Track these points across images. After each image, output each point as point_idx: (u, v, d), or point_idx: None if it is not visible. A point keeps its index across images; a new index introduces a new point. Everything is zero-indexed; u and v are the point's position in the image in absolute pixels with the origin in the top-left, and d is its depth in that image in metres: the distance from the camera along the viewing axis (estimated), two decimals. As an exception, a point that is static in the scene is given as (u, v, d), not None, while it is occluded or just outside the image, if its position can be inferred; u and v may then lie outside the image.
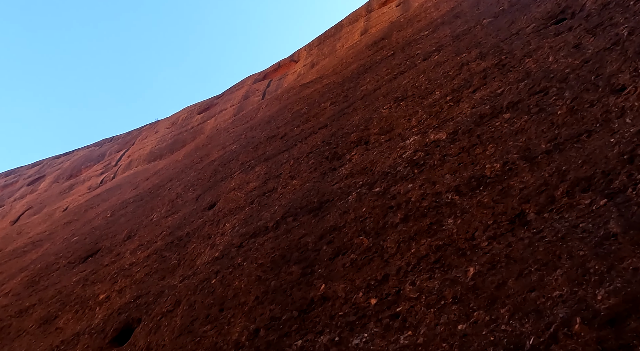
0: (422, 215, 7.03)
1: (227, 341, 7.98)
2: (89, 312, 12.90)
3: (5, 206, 37.12)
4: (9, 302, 15.78)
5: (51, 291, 15.09)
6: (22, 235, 26.79)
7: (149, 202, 19.11)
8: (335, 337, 6.01)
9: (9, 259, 22.06)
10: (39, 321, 13.60)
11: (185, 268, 12.56)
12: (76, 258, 16.96)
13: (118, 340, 11.12)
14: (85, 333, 11.88)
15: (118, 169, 33.74)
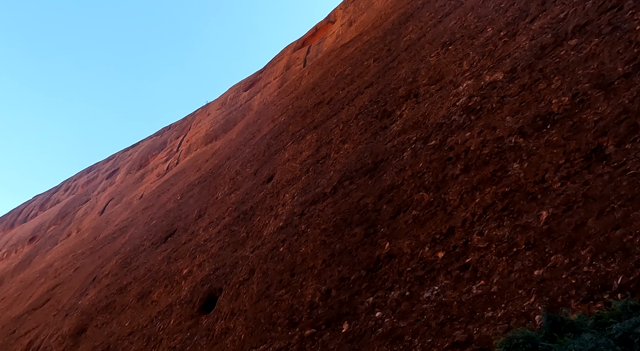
0: (484, 163, 6.68)
1: (302, 303, 8.43)
2: (177, 286, 14.26)
3: (91, 199, 41.41)
4: (110, 282, 17.86)
5: (142, 270, 16.81)
6: (110, 223, 29.85)
7: (212, 182, 20.18)
8: (405, 292, 6.09)
9: (103, 245, 24.79)
10: (136, 296, 15.31)
11: (254, 240, 13.29)
12: (158, 239, 18.60)
13: (205, 308, 12.23)
14: (176, 304, 13.20)
15: (180, 154, 35.83)
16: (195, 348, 10.33)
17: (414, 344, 5.06)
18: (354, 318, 6.55)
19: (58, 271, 26.20)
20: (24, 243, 40.50)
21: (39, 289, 25.16)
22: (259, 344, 8.24)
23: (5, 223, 50.17)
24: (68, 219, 37.94)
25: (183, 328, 11.57)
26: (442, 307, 5.17)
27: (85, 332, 15.60)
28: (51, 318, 19.09)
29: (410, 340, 5.19)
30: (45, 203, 47.70)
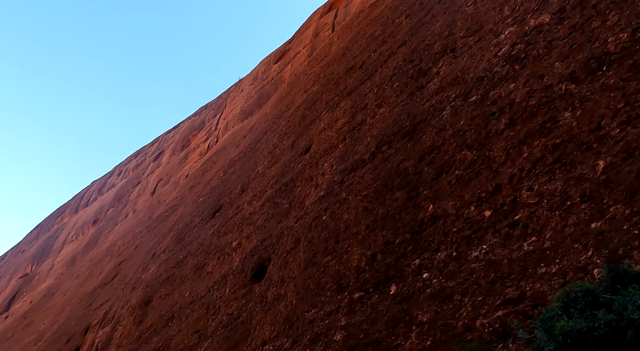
0: (531, 114, 6.28)
1: (349, 268, 8.62)
2: (228, 258, 15.03)
3: (142, 181, 43.91)
4: (168, 257, 19.11)
5: (195, 244, 17.80)
6: (161, 203, 31.64)
7: (251, 157, 20.62)
8: (452, 252, 6.03)
9: (158, 223, 26.41)
10: (193, 269, 16.33)
11: (297, 210, 13.60)
12: (206, 215, 19.50)
13: (256, 277, 12.86)
14: (229, 274, 13.97)
15: (218, 133, 36.76)
16: (251, 314, 10.97)
17: (464, 303, 5.05)
18: (401, 280, 6.61)
19: (121, 250, 28.41)
20: (89, 225, 44.07)
21: (107, 266, 27.50)
22: (310, 308, 8.59)
23: (71, 208, 54.66)
24: (124, 201, 40.62)
25: (238, 296, 12.27)
26: (491, 266, 5.08)
27: (151, 303, 16.97)
28: (120, 291, 20.91)
29: (459, 299, 5.18)
30: (102, 187, 51.22)
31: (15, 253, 55.52)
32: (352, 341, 6.54)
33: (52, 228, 52.48)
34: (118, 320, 17.84)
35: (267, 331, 9.52)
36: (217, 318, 12.21)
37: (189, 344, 12.33)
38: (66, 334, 21.43)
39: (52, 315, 27.60)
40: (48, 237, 49.12)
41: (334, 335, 7.09)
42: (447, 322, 5.12)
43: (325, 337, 7.33)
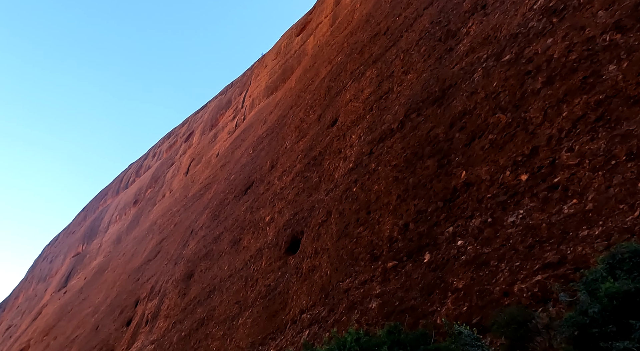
0: (571, 70, 5.88)
1: (381, 238, 8.66)
2: (262, 232, 15.45)
3: (176, 162, 45.36)
4: (205, 233, 19.88)
5: (230, 220, 18.37)
6: (195, 182, 32.67)
7: (279, 133, 20.71)
8: (487, 219, 5.91)
9: (193, 202, 27.36)
10: (229, 243, 16.94)
11: (326, 183, 13.66)
12: (239, 192, 19.98)
13: (291, 250, 13.20)
14: (264, 248, 14.41)
15: (245, 110, 37.03)
16: (287, 285, 11.34)
17: (501, 268, 4.98)
18: (434, 248, 6.58)
19: (161, 228, 29.81)
20: (130, 206, 46.37)
21: (150, 243, 29.02)
22: (345, 278, 8.76)
23: (112, 191, 57.56)
24: (160, 182, 42.25)
25: (274, 268, 12.68)
26: (529, 230, 4.95)
27: (193, 277, 17.86)
28: (164, 266, 22.09)
29: (496, 264, 5.11)
30: (139, 170, 53.38)
31: (67, 234, 59.52)
32: (388, 309, 6.65)
33: (97, 209, 55.60)
34: (164, 293, 18.95)
35: (304, 300, 9.83)
36: (256, 289, 12.71)
37: (231, 314, 12.96)
38: (119, 307, 23.06)
39: (105, 289, 29.69)
40: (94, 218, 52.17)
41: (370, 303, 7.23)
42: (483, 288, 5.08)
43: (361, 305, 7.49)
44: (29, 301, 51.39)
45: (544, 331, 3.42)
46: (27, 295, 54.32)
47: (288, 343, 8.74)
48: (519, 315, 3.68)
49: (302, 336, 8.59)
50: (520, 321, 3.62)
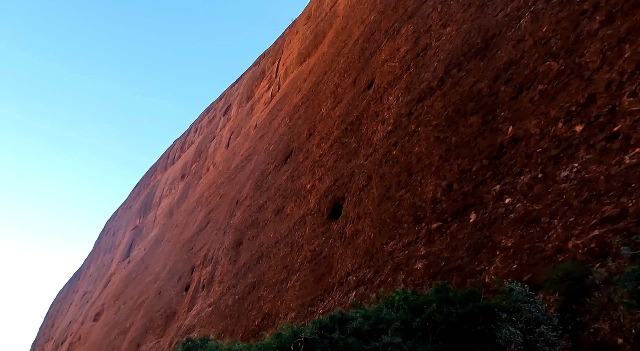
0: (635, 5, 5.25)
1: (424, 200, 8.55)
2: (304, 199, 15.75)
3: (216, 136, 46.64)
4: (250, 203, 20.57)
5: (272, 190, 18.83)
6: (236, 154, 33.54)
7: (314, 100, 20.53)
8: (537, 174, 5.62)
9: (236, 173, 28.22)
10: (273, 212, 17.47)
11: (365, 148, 13.53)
12: (278, 162, 20.31)
13: (333, 215, 13.40)
14: (307, 215, 14.73)
15: (279, 80, 36.87)
16: (331, 249, 11.62)
17: (553, 225, 4.77)
18: (481, 207, 6.41)
19: (208, 200, 31.21)
20: (178, 180, 48.74)
21: (199, 215, 30.58)
22: (389, 241, 8.82)
23: (160, 167, 60.63)
24: (204, 156, 43.81)
25: (318, 234, 12.99)
26: (584, 184, 4.66)
27: (242, 244, 18.73)
28: (214, 236, 23.30)
29: (548, 221, 4.91)
30: (183, 145, 55.52)
31: (125, 209, 63.97)
32: (434, 269, 6.66)
33: (148, 185, 58.97)
34: (217, 261, 20.11)
35: (349, 263, 10.06)
36: (302, 254, 13.14)
37: (280, 278, 13.57)
38: (177, 274, 24.84)
39: (163, 258, 31.98)
40: (147, 194, 55.46)
41: (415, 264, 7.27)
42: (534, 245, 4.92)
43: (406, 266, 7.55)
44: (99, 271, 56.59)
45: (602, 286, 3.28)
46: (97, 265, 59.74)
47: (336, 304, 9.07)
48: (574, 271, 3.54)
49: (349, 297, 8.86)
50: (575, 277, 3.49)
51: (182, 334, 18.02)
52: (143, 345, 22.37)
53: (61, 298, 71.27)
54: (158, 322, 22.31)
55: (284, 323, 6.92)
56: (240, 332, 13.35)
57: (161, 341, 20.34)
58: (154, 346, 20.60)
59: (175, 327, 19.98)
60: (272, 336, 4.20)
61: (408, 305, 4.29)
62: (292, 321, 10.57)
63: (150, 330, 22.68)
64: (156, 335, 21.59)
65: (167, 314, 22.09)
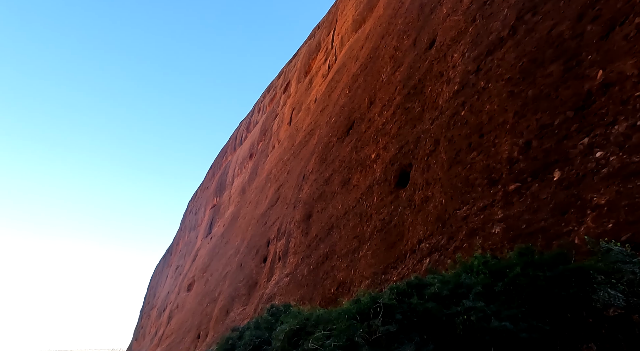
0: None
1: (499, 161, 8.01)
2: (369, 169, 15.64)
3: (279, 114, 47.69)
4: (316, 177, 20.96)
5: (337, 162, 18.95)
6: (299, 130, 34.08)
7: (373, 67, 19.91)
8: (636, 122, 4.94)
9: (300, 149, 28.78)
10: (339, 184, 17.64)
11: (430, 111, 12.91)
12: (341, 134, 20.27)
13: (400, 183, 13.16)
14: (374, 184, 14.64)
15: (335, 50, 36.20)
16: (401, 217, 11.49)
17: (657, 178, 4.20)
18: (566, 164, 5.85)
19: (276, 176, 32.38)
20: (247, 160, 51.09)
21: (269, 191, 31.95)
22: (462, 205, 8.48)
23: (230, 148, 63.93)
24: (268, 134, 45.19)
25: (386, 203, 12.90)
26: (698, 129, 4.01)
27: (312, 217, 19.30)
28: (285, 210, 24.27)
29: (650, 174, 4.33)
30: (249, 125, 57.69)
31: (203, 189, 68.95)
32: (513, 232, 6.30)
33: (221, 166, 62.65)
34: (289, 234, 21.01)
35: (420, 231, 9.90)
36: (371, 224, 13.20)
37: (351, 248, 13.83)
38: (255, 247, 26.47)
39: (241, 233, 34.19)
40: (221, 174, 59.05)
41: (492, 228, 6.93)
42: (634, 202, 4.40)
43: (483, 231, 7.23)
44: (186, 246, 62.29)
45: None
46: (185, 241, 65.76)
47: (410, 271, 9.05)
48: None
49: (423, 264, 8.78)
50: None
51: (264, 302, 19.36)
52: (231, 311, 24.49)
53: (158, 272, 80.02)
54: (242, 291, 24.18)
55: (360, 290, 7.09)
56: (318, 299, 13.98)
57: (247, 309, 22.09)
58: (241, 313, 22.46)
59: (257, 296, 21.51)
60: (351, 302, 4.32)
61: (488, 269, 4.11)
62: (366, 288, 10.79)
63: (236, 298, 24.70)
64: (242, 302, 23.47)
65: (249, 284, 23.81)
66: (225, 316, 25.15)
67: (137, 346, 64.11)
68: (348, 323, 3.76)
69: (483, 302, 3.61)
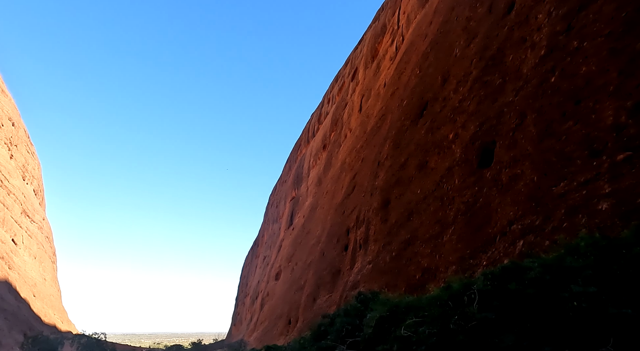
0: None
1: (601, 128, 7.07)
2: (448, 151, 14.88)
3: (348, 102, 47.61)
4: (391, 163, 20.58)
5: (412, 146, 18.37)
6: (370, 117, 33.65)
7: (444, 42, 18.82)
8: None
9: (373, 136, 28.43)
10: (416, 168, 17.10)
11: (513, 82, 11.83)
12: (414, 116, 19.57)
13: (483, 163, 12.32)
14: (454, 166, 13.92)
15: (402, 30, 34.88)
16: (487, 198, 10.78)
17: None
18: (691, 125, 4.96)
19: (351, 165, 32.44)
20: (321, 151, 51.96)
21: (345, 180, 32.17)
22: (558, 181, 7.68)
23: (304, 141, 65.57)
24: (340, 124, 45.36)
25: (469, 184, 12.20)
26: None
27: (390, 204, 19.03)
28: (362, 198, 24.28)
29: None
30: (320, 117, 58.50)
31: (281, 183, 71.86)
32: (625, 208, 5.54)
33: (296, 159, 64.56)
34: (368, 221, 20.99)
35: (510, 211, 9.21)
36: (454, 207, 12.61)
37: (434, 233, 13.37)
38: (335, 236, 26.95)
39: (320, 223, 35.04)
40: (297, 167, 60.90)
41: (598, 204, 6.18)
42: None
43: (585, 208, 6.49)
44: (271, 238, 65.66)
45: None
46: (269, 233, 69.36)
47: (501, 255, 8.48)
48: None
49: (516, 246, 8.16)
50: None
51: (349, 289, 19.68)
52: (318, 298, 25.33)
53: (248, 262, 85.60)
54: (326, 279, 24.85)
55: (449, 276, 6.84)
56: (402, 286, 13.82)
57: (332, 296, 22.67)
58: (327, 300, 23.12)
59: (341, 283, 21.94)
60: (440, 289, 4.17)
61: (599, 250, 3.66)
62: (453, 274, 10.38)
63: (321, 286, 25.47)
64: (327, 290, 24.14)
65: (332, 272, 24.37)
66: (313, 303, 26.09)
67: (236, 331, 69.73)
68: (441, 310, 3.63)
69: (595, 287, 3.21)
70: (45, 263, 79.64)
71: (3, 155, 66.91)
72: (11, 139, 70.76)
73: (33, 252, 71.82)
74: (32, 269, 68.90)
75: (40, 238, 78.46)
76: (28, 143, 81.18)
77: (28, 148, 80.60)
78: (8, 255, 57.92)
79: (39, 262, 75.42)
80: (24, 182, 74.96)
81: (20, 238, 66.89)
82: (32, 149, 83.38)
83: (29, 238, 71.36)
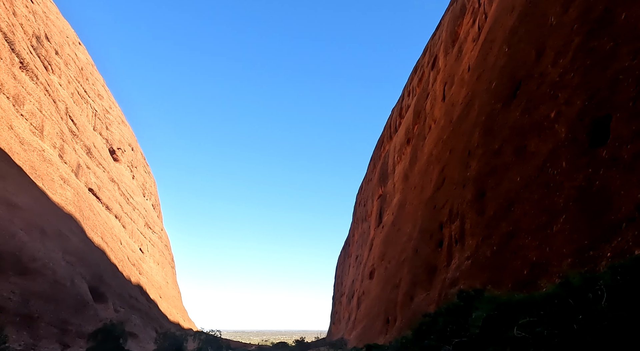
0: None
1: None
2: (549, 131, 13.33)
3: (430, 92, 45.61)
4: (482, 151, 19.14)
5: (505, 130, 16.89)
6: (455, 105, 31.77)
7: (535, 12, 16.98)
8: None
9: (460, 125, 26.79)
10: (512, 154, 15.65)
11: (628, 44, 10.10)
12: (506, 98, 17.98)
13: (596, 141, 10.77)
14: (559, 147, 12.42)
15: (483, 7, 32.34)
16: (605, 180, 9.41)
17: None
18: None
19: (438, 157, 30.98)
20: (404, 145, 50.61)
21: (433, 174, 30.82)
22: (701, 154, 6.37)
23: (386, 137, 64.60)
24: (422, 116, 43.66)
25: (580, 166, 10.80)
26: None
27: (485, 195, 17.71)
28: (453, 191, 23.00)
29: None
30: (401, 111, 57.03)
31: (367, 181, 71.68)
32: None
33: (380, 156, 63.83)
34: (463, 215, 19.80)
35: (637, 193, 7.92)
36: (563, 193, 11.28)
37: (541, 223, 12.10)
38: (427, 232, 25.97)
39: (411, 220, 34.10)
40: (382, 164, 60.18)
41: None
42: None
43: None
44: (361, 237, 65.82)
45: None
46: (359, 232, 69.62)
47: (630, 244, 7.33)
48: None
49: (648, 234, 6.99)
50: None
51: (448, 286, 18.78)
52: (415, 297, 24.65)
53: (340, 262, 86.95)
54: (422, 277, 24.05)
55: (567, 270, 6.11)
56: (508, 283, 12.74)
57: (430, 294, 21.85)
58: (425, 298, 22.35)
59: (439, 280, 21.03)
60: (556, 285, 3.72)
61: None
62: (569, 268, 9.25)
63: (417, 284, 24.73)
64: (424, 288, 23.35)
65: (428, 269, 23.51)
66: (410, 301, 25.46)
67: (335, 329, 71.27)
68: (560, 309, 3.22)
69: None
70: (166, 268, 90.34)
71: (127, 177, 77.95)
72: (132, 162, 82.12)
73: (156, 258, 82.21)
74: (157, 274, 78.84)
75: (161, 247, 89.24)
76: (145, 164, 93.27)
77: (145, 168, 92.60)
78: (138, 262, 67.06)
79: (161, 267, 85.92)
80: (144, 198, 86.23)
81: (145, 247, 77.10)
82: (148, 169, 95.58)
83: (152, 246, 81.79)
